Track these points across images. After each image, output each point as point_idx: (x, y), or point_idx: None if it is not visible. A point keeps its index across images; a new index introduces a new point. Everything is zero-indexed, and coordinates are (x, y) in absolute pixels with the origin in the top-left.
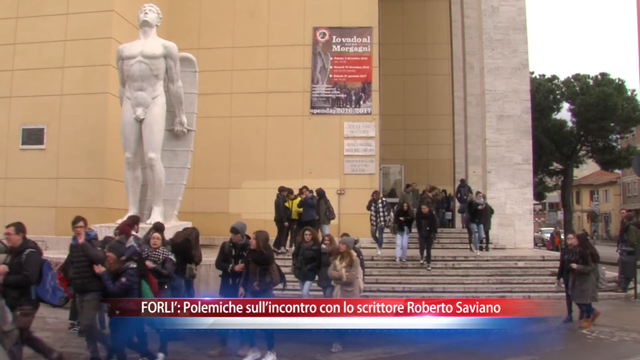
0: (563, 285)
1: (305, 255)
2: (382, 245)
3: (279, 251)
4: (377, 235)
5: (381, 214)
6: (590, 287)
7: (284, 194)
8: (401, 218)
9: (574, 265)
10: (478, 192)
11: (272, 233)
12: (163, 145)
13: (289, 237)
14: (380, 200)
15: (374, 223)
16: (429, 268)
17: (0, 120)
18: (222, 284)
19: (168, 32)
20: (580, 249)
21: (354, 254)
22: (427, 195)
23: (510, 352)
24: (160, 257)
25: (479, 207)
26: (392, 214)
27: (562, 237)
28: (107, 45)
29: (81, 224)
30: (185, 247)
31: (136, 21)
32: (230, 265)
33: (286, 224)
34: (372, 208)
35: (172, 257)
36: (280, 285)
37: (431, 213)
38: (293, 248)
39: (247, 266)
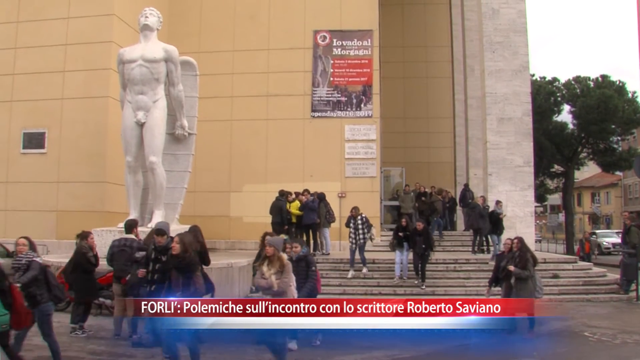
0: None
1: None
2: (366, 262)
3: None
4: (357, 254)
5: (360, 231)
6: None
7: (287, 197)
8: (400, 234)
9: (512, 268)
10: (498, 202)
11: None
12: (164, 148)
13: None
14: (359, 217)
15: (353, 241)
16: (423, 287)
17: (1, 124)
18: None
19: (169, 36)
20: (519, 253)
21: (285, 257)
22: (437, 198)
23: (512, 354)
24: (23, 262)
25: (500, 216)
26: (372, 231)
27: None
28: (108, 49)
29: None
30: (202, 253)
31: (137, 25)
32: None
33: (286, 227)
34: (352, 225)
35: (39, 259)
36: (208, 296)
37: (426, 230)
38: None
39: (169, 274)
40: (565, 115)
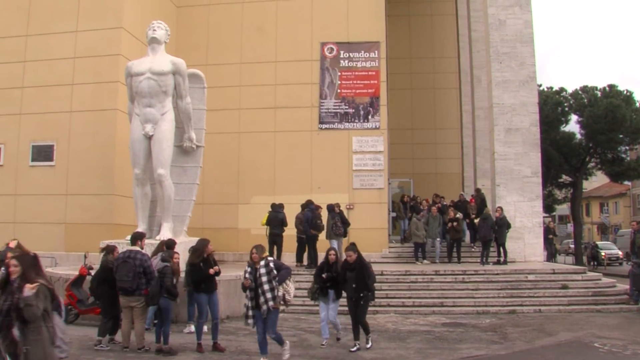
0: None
1: None
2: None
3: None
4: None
5: (267, 286)
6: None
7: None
8: (324, 275)
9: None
10: (498, 208)
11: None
12: (172, 161)
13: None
14: (264, 263)
15: (251, 310)
16: (358, 345)
17: (10, 137)
18: None
19: (176, 49)
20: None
21: None
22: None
23: None
24: None
25: None
26: (289, 285)
27: None
28: (116, 62)
29: None
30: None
31: (145, 38)
32: None
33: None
34: (248, 276)
35: None
36: None
37: (361, 261)
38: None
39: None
40: (572, 125)
